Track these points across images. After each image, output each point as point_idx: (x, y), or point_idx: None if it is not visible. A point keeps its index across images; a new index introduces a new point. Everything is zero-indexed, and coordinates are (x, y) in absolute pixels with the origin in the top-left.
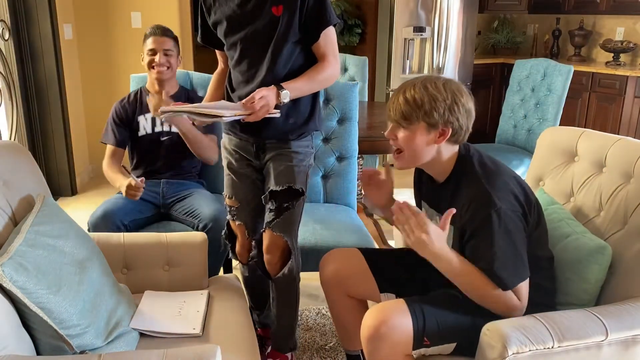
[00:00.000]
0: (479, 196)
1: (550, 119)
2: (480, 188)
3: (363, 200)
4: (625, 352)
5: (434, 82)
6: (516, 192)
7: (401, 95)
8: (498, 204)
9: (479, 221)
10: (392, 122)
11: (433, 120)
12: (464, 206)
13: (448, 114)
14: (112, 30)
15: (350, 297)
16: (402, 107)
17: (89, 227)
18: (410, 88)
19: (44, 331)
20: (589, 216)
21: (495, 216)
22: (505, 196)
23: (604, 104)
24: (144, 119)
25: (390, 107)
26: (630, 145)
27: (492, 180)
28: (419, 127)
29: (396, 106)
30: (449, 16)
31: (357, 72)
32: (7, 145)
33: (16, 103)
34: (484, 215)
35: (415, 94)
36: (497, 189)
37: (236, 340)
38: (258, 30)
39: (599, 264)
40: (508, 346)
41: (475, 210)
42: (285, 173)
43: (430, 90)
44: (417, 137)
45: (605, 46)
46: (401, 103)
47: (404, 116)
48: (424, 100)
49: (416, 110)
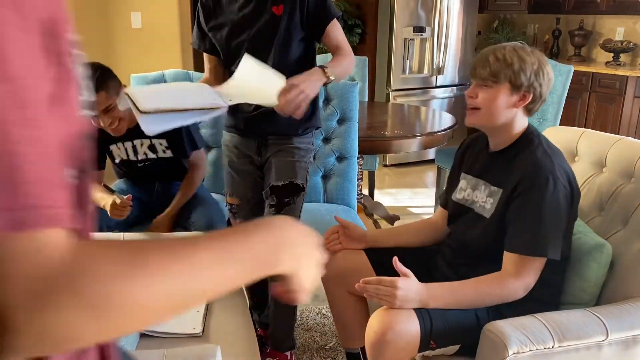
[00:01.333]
0: (542, 162)
1: (550, 119)
2: (545, 157)
3: (363, 200)
4: (625, 352)
5: (521, 47)
6: (571, 179)
7: (491, 55)
8: (558, 174)
9: (535, 183)
10: (476, 80)
11: (519, 81)
12: (523, 168)
13: (533, 78)
14: (112, 30)
15: (351, 294)
16: (491, 65)
17: None
18: (501, 48)
19: None
20: (589, 216)
21: (552, 183)
22: (564, 174)
23: (604, 104)
24: (117, 147)
25: (477, 65)
26: (631, 145)
27: (556, 157)
28: (503, 87)
29: (485, 64)
30: (449, 16)
31: (357, 72)
32: None
33: None
34: (542, 179)
35: (507, 53)
36: (560, 164)
37: (236, 340)
38: (261, 31)
39: (597, 262)
40: (508, 346)
41: (536, 172)
42: (286, 168)
43: (519, 52)
44: (500, 97)
45: (605, 46)
46: (491, 61)
47: (492, 73)
48: (513, 60)
49: (505, 69)
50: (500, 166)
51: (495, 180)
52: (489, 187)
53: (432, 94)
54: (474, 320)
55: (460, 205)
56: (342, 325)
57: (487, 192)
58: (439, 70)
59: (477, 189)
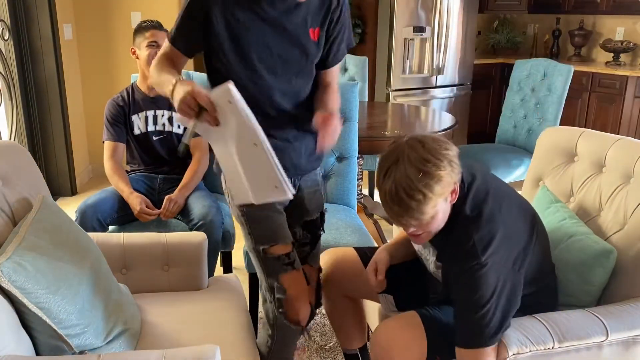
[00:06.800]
0: (462, 245)
1: (550, 119)
2: (466, 235)
3: (363, 200)
4: (625, 352)
5: (419, 157)
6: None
7: (395, 206)
8: (481, 255)
9: (461, 273)
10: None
11: (440, 200)
12: (448, 254)
13: (448, 180)
14: (112, 30)
15: (347, 297)
16: (404, 217)
17: (76, 215)
18: (393, 194)
19: (43, 331)
20: (589, 216)
21: (477, 268)
22: (495, 248)
23: (604, 104)
24: (138, 118)
25: (392, 219)
26: (630, 145)
27: (483, 230)
28: (438, 208)
29: (399, 218)
30: (449, 16)
31: (357, 72)
32: (7, 145)
33: (16, 103)
34: (466, 267)
35: (404, 198)
36: (485, 240)
37: (236, 340)
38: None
39: (603, 268)
40: (508, 347)
41: (458, 260)
42: (316, 199)
43: (415, 185)
44: (437, 217)
45: (605, 46)
46: (400, 213)
47: (411, 221)
48: (419, 199)
49: (419, 214)
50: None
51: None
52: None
53: (432, 94)
54: None
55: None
56: (338, 328)
57: (433, 259)
58: (439, 70)
59: (426, 247)
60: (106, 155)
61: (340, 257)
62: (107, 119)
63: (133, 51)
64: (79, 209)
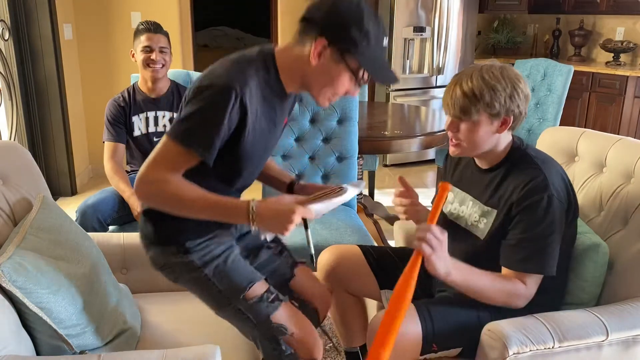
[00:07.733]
0: (535, 182)
1: (551, 119)
2: (537, 174)
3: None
4: (625, 352)
5: (490, 71)
6: (566, 185)
7: (458, 88)
8: (552, 191)
9: (530, 203)
10: (451, 116)
11: (494, 110)
12: (516, 188)
13: (509, 103)
14: (112, 30)
15: (349, 294)
16: (460, 101)
17: (76, 215)
18: (467, 79)
19: (44, 331)
20: (589, 216)
21: (547, 202)
22: (558, 187)
23: (604, 104)
24: (138, 119)
25: (448, 101)
26: (631, 145)
27: (548, 168)
28: (481, 119)
29: (454, 100)
30: (449, 16)
31: None
32: (7, 145)
33: (16, 103)
34: (537, 198)
35: (474, 85)
36: (553, 176)
37: (236, 340)
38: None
39: (594, 262)
40: (508, 346)
41: (530, 191)
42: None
43: (488, 80)
44: (480, 128)
45: (605, 46)
46: (459, 97)
47: (463, 110)
48: (483, 92)
49: (476, 103)
50: (492, 186)
51: (487, 200)
52: (481, 207)
53: (432, 94)
54: (476, 321)
55: (447, 219)
56: (340, 325)
57: (479, 211)
58: (439, 70)
59: (464, 204)
60: (106, 155)
61: (345, 253)
62: (107, 119)
63: (132, 54)
64: (79, 209)
